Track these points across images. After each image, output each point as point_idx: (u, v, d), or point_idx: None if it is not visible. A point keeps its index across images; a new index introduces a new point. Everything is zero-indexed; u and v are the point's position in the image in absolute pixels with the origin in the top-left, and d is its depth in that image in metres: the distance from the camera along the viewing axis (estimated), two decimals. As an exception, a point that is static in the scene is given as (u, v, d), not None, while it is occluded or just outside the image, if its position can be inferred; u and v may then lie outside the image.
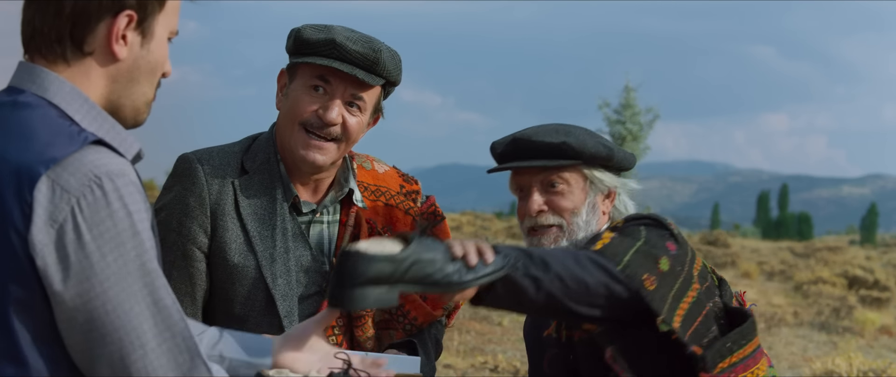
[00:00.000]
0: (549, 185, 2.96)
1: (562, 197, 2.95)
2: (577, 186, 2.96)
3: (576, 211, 2.96)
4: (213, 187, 2.80)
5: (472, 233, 26.29)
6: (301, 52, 2.83)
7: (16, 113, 1.92)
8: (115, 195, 1.84)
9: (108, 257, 1.83)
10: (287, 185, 2.87)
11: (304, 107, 2.83)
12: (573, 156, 2.91)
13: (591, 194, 2.98)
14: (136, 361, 1.84)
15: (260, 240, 2.81)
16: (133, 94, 2.04)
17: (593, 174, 2.97)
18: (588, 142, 2.93)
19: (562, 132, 2.94)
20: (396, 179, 3.14)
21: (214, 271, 2.82)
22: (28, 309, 1.83)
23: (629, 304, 2.66)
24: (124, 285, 1.84)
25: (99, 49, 1.98)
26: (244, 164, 2.87)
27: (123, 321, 1.83)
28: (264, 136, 2.95)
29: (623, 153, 3.03)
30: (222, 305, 2.83)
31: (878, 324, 17.98)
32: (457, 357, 11.75)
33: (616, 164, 3.00)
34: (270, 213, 2.84)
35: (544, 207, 2.96)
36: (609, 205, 3.05)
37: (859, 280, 22.79)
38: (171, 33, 2.09)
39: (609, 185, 3.01)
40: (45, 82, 1.95)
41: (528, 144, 2.93)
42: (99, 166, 1.84)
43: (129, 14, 1.97)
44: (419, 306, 3.02)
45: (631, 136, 31.78)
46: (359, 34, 2.85)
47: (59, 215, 1.81)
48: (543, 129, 2.98)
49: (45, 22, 1.96)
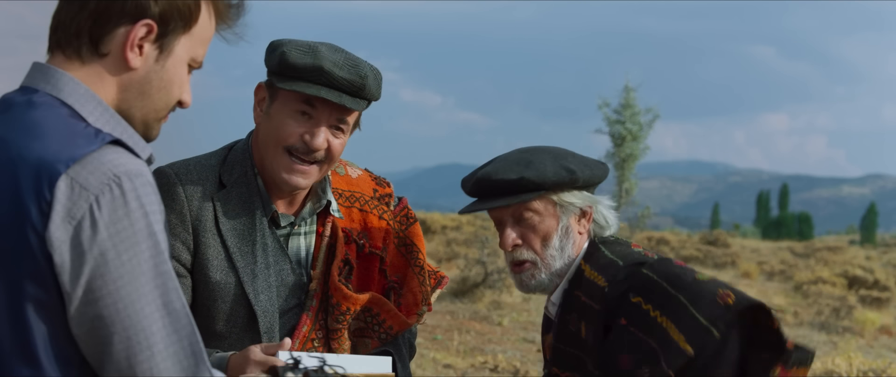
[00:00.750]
0: (520, 219, 3.00)
1: (532, 229, 3.00)
2: (547, 214, 3.00)
3: (547, 241, 3.00)
4: (194, 203, 2.77)
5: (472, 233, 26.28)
6: (286, 75, 2.77)
7: (31, 112, 1.93)
8: (133, 195, 1.85)
9: (123, 256, 1.83)
10: (266, 199, 2.85)
11: (289, 131, 2.79)
12: (534, 188, 2.94)
13: (563, 218, 3.01)
14: (142, 362, 1.85)
15: (241, 257, 2.79)
16: (144, 106, 2.05)
17: (562, 198, 2.99)
18: (548, 170, 2.94)
19: (522, 164, 2.96)
20: (369, 183, 3.13)
21: (196, 288, 2.79)
22: (44, 308, 1.84)
23: None
24: (137, 285, 1.85)
25: (114, 53, 1.99)
26: (222, 178, 2.84)
27: (133, 320, 1.84)
28: (240, 146, 2.92)
29: (589, 171, 3.02)
30: (203, 322, 2.78)
31: (878, 324, 17.97)
32: (457, 357, 11.74)
33: (582, 185, 3.01)
34: (250, 229, 2.81)
35: (518, 242, 3.01)
36: (586, 224, 3.06)
37: (859, 280, 22.78)
38: (192, 61, 2.09)
39: (580, 205, 3.02)
40: (60, 83, 1.97)
41: (490, 184, 2.96)
42: (118, 166, 1.86)
43: (149, 24, 1.98)
44: (394, 315, 3.01)
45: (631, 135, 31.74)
46: (344, 56, 2.80)
47: (78, 212, 1.82)
48: (505, 163, 2.99)
49: (69, 14, 1.98)
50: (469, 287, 16.77)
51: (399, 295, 3.07)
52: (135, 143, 1.98)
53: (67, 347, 1.87)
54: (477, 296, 16.53)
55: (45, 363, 1.85)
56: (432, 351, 11.88)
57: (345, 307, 2.90)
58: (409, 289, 3.09)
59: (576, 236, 3.03)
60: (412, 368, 4.36)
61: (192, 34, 2.05)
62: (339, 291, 2.89)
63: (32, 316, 1.84)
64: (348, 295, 2.89)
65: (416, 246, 3.12)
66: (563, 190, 2.98)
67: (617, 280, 2.91)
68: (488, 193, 2.98)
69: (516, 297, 17.22)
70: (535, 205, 2.97)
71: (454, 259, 21.06)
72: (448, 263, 20.90)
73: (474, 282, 16.81)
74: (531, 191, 2.93)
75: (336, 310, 2.90)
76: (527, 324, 14.80)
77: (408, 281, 3.10)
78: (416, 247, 3.12)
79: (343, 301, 2.90)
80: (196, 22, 2.06)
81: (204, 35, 2.09)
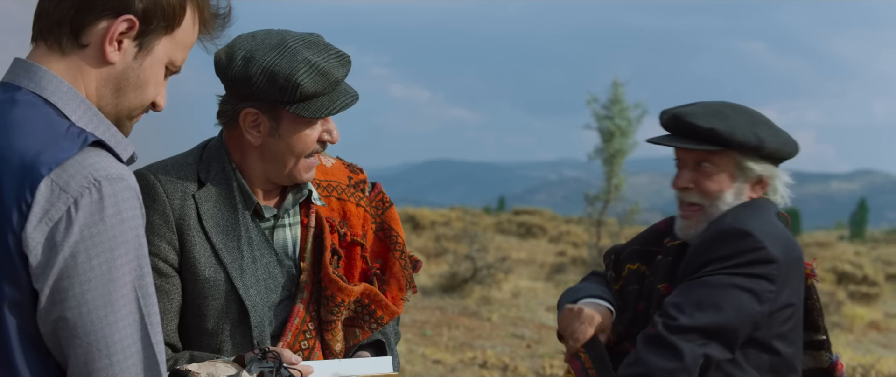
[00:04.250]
0: (699, 164, 3.08)
1: (708, 178, 3.07)
2: (725, 170, 3.07)
3: (720, 194, 3.07)
4: (175, 202, 2.75)
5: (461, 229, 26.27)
6: (300, 100, 2.73)
7: (14, 111, 1.92)
8: (111, 199, 1.84)
9: (94, 260, 1.82)
10: (246, 193, 2.84)
11: (310, 141, 2.81)
12: (720, 143, 3.01)
13: (738, 180, 3.09)
14: (99, 369, 1.83)
15: (227, 252, 2.78)
16: (118, 103, 2.04)
17: (743, 162, 3.06)
18: (738, 130, 3.00)
19: (719, 116, 3.03)
20: (344, 171, 3.13)
21: (186, 287, 2.78)
22: (19, 309, 1.83)
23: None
24: (104, 291, 1.83)
25: (93, 45, 1.98)
26: (199, 176, 2.82)
27: (95, 326, 1.82)
28: (214, 143, 2.90)
29: (778, 144, 3.08)
30: (195, 321, 2.78)
31: (868, 320, 18.04)
32: (446, 352, 11.74)
33: (768, 154, 3.06)
34: (233, 224, 2.80)
35: (690, 185, 3.10)
36: (759, 191, 3.13)
37: (848, 275, 22.84)
38: (171, 64, 2.08)
39: (759, 173, 3.09)
40: (43, 80, 1.96)
41: (684, 124, 3.04)
42: (99, 169, 1.85)
43: (131, 20, 1.97)
44: (385, 306, 3.02)
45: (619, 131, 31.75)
46: (329, 54, 2.78)
47: (55, 214, 1.81)
48: (704, 109, 3.07)
49: (54, 2, 1.97)
50: (458, 282, 16.78)
51: (382, 282, 3.07)
52: (117, 143, 1.97)
53: (43, 351, 1.85)
54: (466, 292, 16.54)
55: (20, 365, 1.84)
56: (421, 346, 11.87)
57: (340, 299, 2.90)
58: (392, 274, 3.09)
59: (745, 200, 3.10)
60: (401, 364, 4.36)
61: (173, 37, 2.05)
62: (334, 283, 2.89)
63: (8, 318, 1.83)
64: (344, 287, 2.90)
65: (395, 230, 3.13)
66: (748, 154, 3.05)
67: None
68: (679, 132, 3.07)
69: (505, 293, 17.23)
70: (716, 158, 3.05)
71: (443, 254, 21.06)
72: (437, 259, 20.90)
73: (463, 277, 16.82)
74: (717, 145, 3.01)
75: (331, 302, 2.90)
76: (516, 320, 14.81)
77: (390, 266, 3.10)
78: (394, 231, 3.13)
79: (338, 293, 2.90)
80: (179, 25, 2.05)
81: (186, 40, 2.08)
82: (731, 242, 2.94)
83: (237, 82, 2.73)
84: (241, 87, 2.73)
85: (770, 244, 2.94)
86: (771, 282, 2.92)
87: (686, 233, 3.12)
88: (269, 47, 2.73)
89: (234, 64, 2.72)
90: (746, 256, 2.92)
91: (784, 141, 3.09)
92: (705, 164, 3.06)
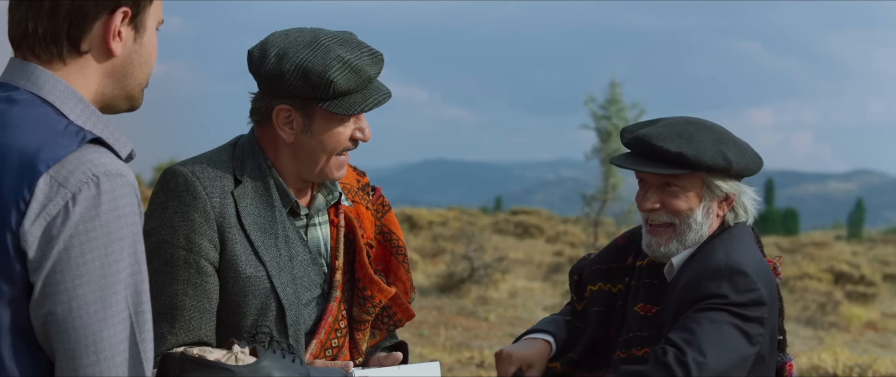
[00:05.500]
0: (666, 185, 3.05)
1: (676, 198, 3.05)
2: (693, 190, 3.05)
3: (690, 212, 3.05)
4: (215, 201, 2.74)
5: (458, 229, 26.29)
6: (333, 97, 2.75)
7: (12, 110, 1.91)
8: (108, 195, 1.83)
9: (88, 256, 1.81)
10: (284, 191, 2.84)
11: (343, 138, 2.82)
12: (689, 166, 2.98)
13: (706, 199, 3.06)
14: (85, 366, 1.82)
15: (265, 250, 2.78)
16: (128, 85, 2.06)
17: (711, 181, 3.04)
18: (706, 153, 2.97)
19: (685, 138, 3.00)
20: (353, 174, 3.14)
21: (225, 285, 2.76)
22: (13, 305, 1.82)
23: None
24: (95, 287, 1.82)
25: (95, 47, 1.98)
26: (235, 173, 2.82)
27: (84, 322, 1.82)
28: (245, 140, 2.90)
29: (744, 163, 3.06)
30: (232, 318, 2.77)
31: (864, 320, 18.06)
32: (443, 352, 11.74)
33: (735, 174, 3.05)
34: (271, 221, 2.81)
35: (656, 206, 3.06)
36: (726, 207, 3.11)
37: (845, 275, 22.86)
38: (158, 23, 2.10)
39: (726, 191, 3.07)
40: (40, 80, 1.95)
41: (648, 147, 3.00)
42: (98, 165, 1.85)
43: (125, 10, 1.98)
44: (405, 308, 3.07)
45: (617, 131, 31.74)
46: (361, 51, 2.80)
47: (54, 208, 1.81)
48: (669, 129, 3.03)
49: (40, 22, 1.95)
50: (455, 282, 16.79)
51: (388, 284, 3.09)
52: (115, 141, 1.97)
53: (34, 349, 1.85)
54: (463, 292, 16.55)
55: (8, 363, 1.83)
56: (419, 346, 11.88)
57: (378, 300, 2.95)
58: (397, 277, 3.12)
59: (714, 218, 3.09)
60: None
61: (154, 1, 2.06)
62: (375, 284, 2.93)
63: (3, 313, 1.82)
64: (384, 288, 2.94)
65: (394, 233, 3.15)
66: (716, 174, 3.03)
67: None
68: (643, 154, 3.04)
69: (502, 293, 17.24)
70: (684, 180, 3.03)
71: (440, 254, 21.07)
72: (434, 259, 20.91)
73: (461, 277, 16.83)
74: (685, 167, 2.98)
75: (368, 303, 2.94)
76: (513, 320, 14.82)
77: (394, 269, 3.12)
78: (394, 234, 3.15)
79: (378, 294, 2.94)
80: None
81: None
82: (727, 280, 2.93)
83: (270, 79, 2.75)
84: (274, 83, 2.75)
85: (761, 284, 2.96)
86: (762, 325, 2.96)
87: (655, 251, 3.09)
88: (302, 44, 2.75)
89: (268, 61, 2.74)
90: (743, 296, 2.92)
91: (750, 159, 3.08)
92: (674, 188, 3.04)
